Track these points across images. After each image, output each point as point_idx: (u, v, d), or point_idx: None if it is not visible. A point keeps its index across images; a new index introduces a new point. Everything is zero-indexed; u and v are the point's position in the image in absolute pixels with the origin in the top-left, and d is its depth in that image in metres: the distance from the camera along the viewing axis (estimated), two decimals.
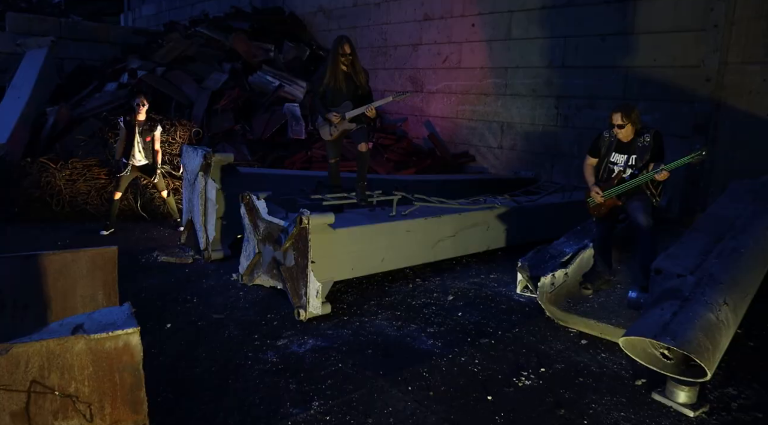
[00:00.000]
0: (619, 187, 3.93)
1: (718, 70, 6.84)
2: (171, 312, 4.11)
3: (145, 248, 5.68)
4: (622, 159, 3.96)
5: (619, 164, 3.98)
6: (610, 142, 4.03)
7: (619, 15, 7.63)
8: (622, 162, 3.96)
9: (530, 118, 9.00)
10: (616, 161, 4.00)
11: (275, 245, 4.26)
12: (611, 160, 4.01)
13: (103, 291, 3.46)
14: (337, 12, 12.46)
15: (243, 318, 4.04)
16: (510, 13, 9.05)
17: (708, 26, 6.81)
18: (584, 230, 4.88)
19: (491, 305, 4.47)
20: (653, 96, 7.41)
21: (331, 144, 5.05)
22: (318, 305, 3.99)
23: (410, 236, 4.75)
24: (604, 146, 4.05)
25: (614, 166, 4.00)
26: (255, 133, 9.01)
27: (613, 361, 3.57)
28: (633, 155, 3.91)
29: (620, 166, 3.97)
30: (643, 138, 3.87)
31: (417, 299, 4.54)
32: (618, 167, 3.98)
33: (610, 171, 4.03)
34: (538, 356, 3.62)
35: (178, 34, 11.15)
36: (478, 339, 3.84)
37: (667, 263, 3.25)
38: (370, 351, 3.61)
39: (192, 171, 5.36)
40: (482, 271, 5.32)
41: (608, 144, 4.03)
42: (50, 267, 3.30)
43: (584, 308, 3.98)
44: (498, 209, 5.48)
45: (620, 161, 3.97)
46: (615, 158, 4.00)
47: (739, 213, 4.00)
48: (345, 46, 4.71)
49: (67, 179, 6.33)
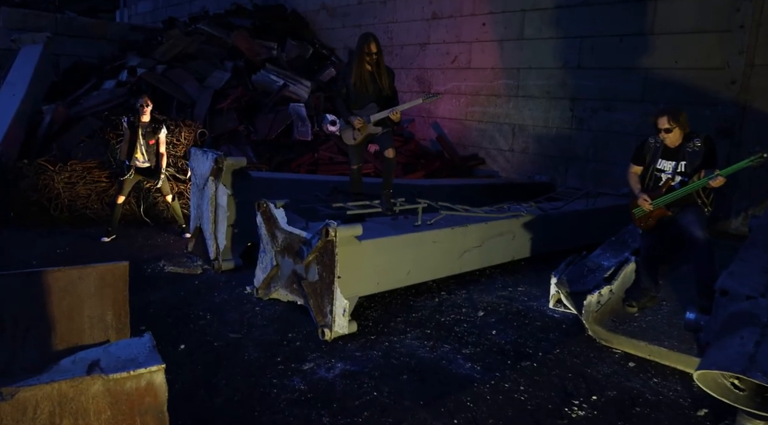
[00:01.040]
0: (668, 196, 3.66)
1: (743, 72, 6.60)
2: (183, 331, 3.80)
3: (150, 256, 5.36)
4: (670, 166, 3.69)
5: (666, 171, 3.71)
6: (655, 148, 3.76)
7: (638, 15, 7.38)
8: (670, 169, 3.68)
9: (543, 120, 8.74)
10: (663, 168, 3.73)
11: (296, 257, 3.96)
12: (658, 167, 3.74)
13: (112, 311, 3.14)
14: (341, 10, 12.15)
15: (262, 338, 3.73)
16: (523, 12, 8.78)
17: (733, 27, 6.58)
18: (620, 241, 4.61)
19: (525, 322, 4.18)
20: (674, 99, 7.16)
21: (353, 149, 4.74)
22: (344, 324, 3.69)
23: (436, 247, 4.46)
24: (649, 153, 3.78)
25: (662, 173, 3.73)
26: (259, 134, 8.69)
27: (667, 387, 3.30)
28: (682, 161, 3.64)
29: (668, 173, 3.69)
30: (692, 143, 3.60)
31: (446, 316, 4.25)
32: (666, 175, 3.71)
33: (657, 179, 3.76)
34: (587, 381, 3.34)
35: (178, 31, 10.80)
36: (519, 361, 3.56)
37: (733, 283, 2.98)
38: (405, 377, 3.31)
39: (201, 176, 5.04)
40: (509, 283, 5.04)
41: (654, 150, 3.76)
42: (55, 285, 2.98)
43: (631, 327, 3.71)
44: (524, 217, 5.20)
45: (668, 168, 3.70)
46: (662, 165, 3.73)
47: None
48: (371, 44, 4.40)
49: (66, 182, 5.99)
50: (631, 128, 7.61)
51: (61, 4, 17.61)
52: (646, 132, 7.42)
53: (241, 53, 10.36)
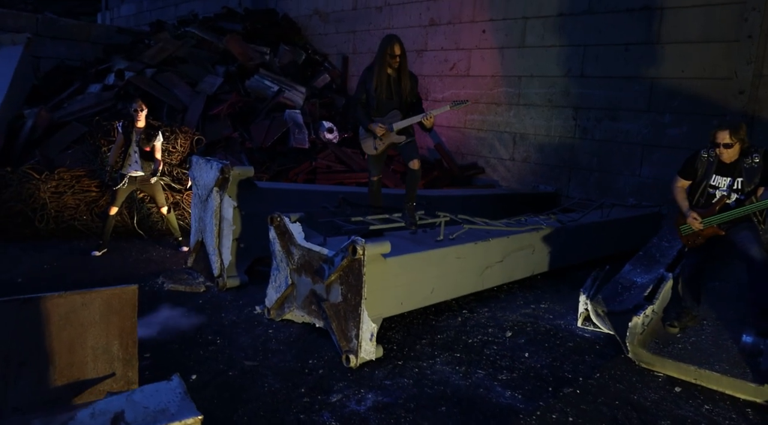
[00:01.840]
0: (723, 215, 3.44)
1: (752, 82, 6.51)
2: (192, 358, 3.46)
3: (146, 272, 4.99)
4: (725, 182, 3.48)
5: (721, 187, 3.49)
6: (708, 162, 3.55)
7: (644, 24, 7.27)
8: (725, 186, 3.47)
9: (545, 129, 8.58)
10: (717, 184, 3.51)
11: (315, 276, 3.66)
12: (712, 183, 3.53)
13: (118, 341, 2.81)
14: (335, 15, 11.91)
15: (281, 366, 3.42)
16: (524, 19, 8.64)
17: (741, 37, 6.49)
18: (647, 256, 4.41)
19: (556, 343, 3.94)
20: (681, 109, 7.06)
21: (374, 159, 4.46)
22: (371, 350, 3.40)
23: (460, 263, 4.20)
24: (701, 168, 3.57)
25: (716, 190, 3.52)
26: (255, 141, 8.36)
27: (722, 415, 3.08)
28: (738, 177, 3.43)
29: (723, 190, 3.48)
30: (751, 158, 3.40)
31: (472, 336, 3.99)
32: (720, 191, 3.49)
33: (710, 196, 3.54)
34: (636, 410, 3.11)
35: (167, 34, 10.43)
36: (560, 388, 3.31)
37: None
38: (443, 408, 3.03)
39: (204, 186, 4.71)
40: (530, 300, 4.80)
41: (707, 165, 3.55)
42: (54, 313, 2.64)
43: (675, 350, 3.49)
44: (544, 230, 4.98)
45: (723, 185, 3.49)
46: (716, 182, 3.52)
47: None
48: (395, 46, 4.13)
49: (53, 192, 5.58)
50: (637, 138, 7.48)
51: (37, 6, 17.05)
52: (653, 142, 7.36)
53: (234, 58, 10.04)
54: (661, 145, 7.25)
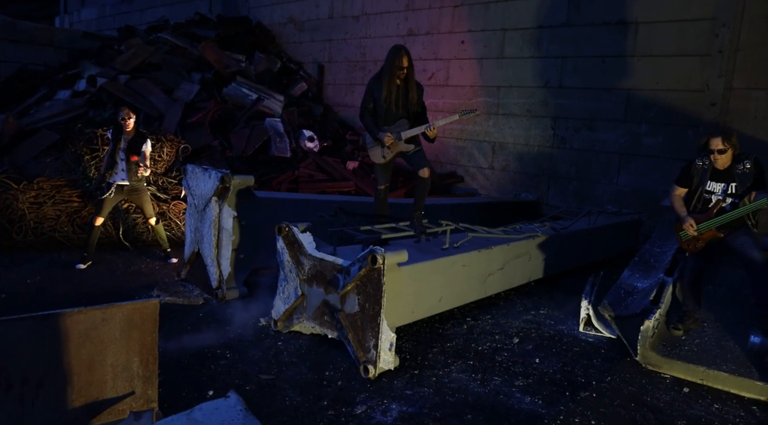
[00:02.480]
0: (719, 218, 3.59)
1: (723, 94, 6.83)
2: (205, 373, 3.35)
3: (137, 285, 4.82)
4: (720, 188, 3.63)
5: (716, 193, 3.65)
6: (703, 170, 3.70)
7: (620, 37, 7.53)
8: (720, 191, 3.63)
9: (524, 138, 8.76)
10: (713, 189, 3.66)
11: (328, 286, 3.61)
12: (707, 189, 3.68)
13: (139, 358, 2.69)
14: (310, 24, 11.88)
15: (298, 378, 3.35)
16: (503, 31, 8.82)
17: (713, 51, 6.81)
18: (643, 262, 4.54)
19: (563, 348, 4.01)
20: (656, 119, 7.33)
21: (381, 168, 4.45)
22: (390, 360, 3.37)
23: (465, 271, 4.23)
24: (697, 175, 3.71)
25: (711, 195, 3.67)
26: (235, 150, 8.22)
27: (732, 414, 3.19)
28: (732, 182, 3.58)
29: (718, 195, 3.63)
30: (743, 164, 3.56)
31: (481, 344, 4.01)
32: (716, 197, 3.64)
33: (706, 201, 3.69)
34: (652, 411, 3.18)
35: (139, 40, 10.16)
36: (576, 392, 3.36)
37: None
38: (469, 416, 3.03)
39: (202, 196, 4.59)
40: (528, 306, 4.87)
41: (702, 172, 3.70)
42: (73, 330, 2.51)
43: (683, 352, 3.60)
44: (539, 237, 5.07)
45: (718, 190, 3.64)
46: (711, 187, 3.66)
47: None
48: (403, 58, 4.15)
49: (32, 202, 5.33)
50: (614, 148, 7.73)
51: None
52: (629, 151, 7.61)
53: (209, 65, 9.87)
54: (638, 154, 7.50)
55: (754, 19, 6.42)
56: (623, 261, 6.06)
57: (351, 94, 11.27)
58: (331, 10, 11.52)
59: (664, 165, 7.20)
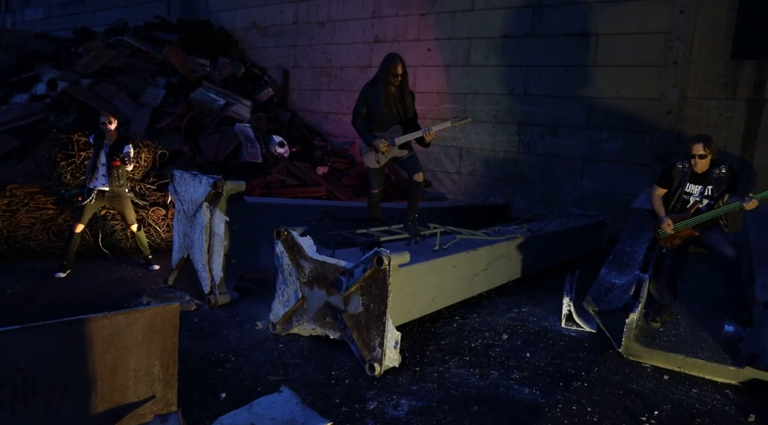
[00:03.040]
0: (697, 218, 3.90)
1: (678, 103, 7.31)
2: (213, 377, 3.37)
3: (123, 292, 4.74)
4: (697, 190, 3.95)
5: (694, 194, 3.96)
6: (683, 172, 4.00)
7: (582, 48, 7.92)
8: (698, 192, 3.94)
9: (491, 144, 9.06)
10: (691, 191, 3.98)
11: (330, 288, 3.69)
12: (686, 190, 3.99)
13: (160, 362, 2.71)
14: (274, 29, 11.86)
15: (306, 378, 3.42)
16: (469, 40, 9.10)
17: (668, 63, 7.28)
18: (617, 260, 4.83)
19: (549, 343, 4.23)
20: (616, 126, 7.75)
21: (375, 172, 4.57)
22: (395, 358, 3.50)
23: (455, 271, 4.40)
24: (677, 177, 4.02)
25: (690, 197, 3.98)
26: (206, 155, 8.14)
27: (709, 397, 3.48)
28: (709, 185, 3.90)
29: (696, 196, 3.95)
30: (719, 169, 3.89)
31: (473, 341, 4.18)
32: (694, 198, 3.96)
33: (684, 202, 4.00)
34: (639, 397, 3.43)
35: (99, 43, 9.90)
36: (570, 382, 3.58)
37: None
38: (475, 408, 3.19)
39: (192, 202, 4.57)
40: (510, 305, 5.09)
41: (682, 175, 4.01)
42: (98, 335, 2.51)
43: (662, 342, 3.88)
44: (518, 238, 5.30)
45: (695, 192, 3.95)
46: (690, 189, 3.98)
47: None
48: (398, 66, 4.30)
49: (4, 210, 5.14)
50: (577, 153, 8.11)
51: None
52: (591, 156, 8.01)
53: (174, 69, 9.72)
54: (600, 159, 7.91)
55: (704, 34, 6.91)
56: (591, 261, 6.43)
57: (317, 100, 11.33)
58: (295, 15, 11.55)
59: (624, 169, 7.62)
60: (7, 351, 2.24)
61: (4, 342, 2.24)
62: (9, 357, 2.24)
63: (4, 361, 2.23)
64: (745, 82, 6.69)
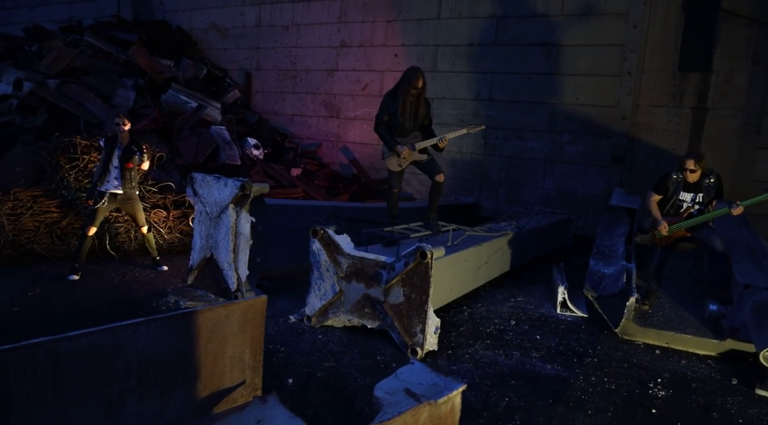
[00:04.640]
0: (689, 221, 4.60)
1: (632, 110, 8.11)
2: (274, 366, 3.61)
3: (147, 292, 4.81)
4: (690, 197, 4.63)
5: (687, 201, 4.64)
6: (677, 182, 4.64)
7: (543, 57, 8.59)
8: (690, 199, 4.63)
9: (457, 146, 9.57)
10: (684, 198, 4.65)
11: (369, 281, 4.01)
12: (680, 198, 4.64)
13: (250, 349, 2.94)
14: (236, 31, 11.86)
15: (357, 363, 3.72)
16: (436, 46, 9.58)
17: (623, 73, 8.06)
18: (601, 253, 5.43)
19: (552, 327, 4.74)
20: (576, 130, 8.47)
21: (396, 174, 4.92)
22: (434, 342, 3.87)
23: (465, 265, 4.82)
24: (672, 186, 4.65)
25: (683, 203, 4.65)
26: (185, 158, 8.15)
27: (697, 366, 4.09)
28: (700, 193, 4.59)
29: (689, 203, 4.63)
30: (708, 179, 4.55)
31: (487, 327, 4.62)
32: (687, 204, 4.63)
33: (678, 207, 4.67)
34: (641, 369, 3.99)
35: (59, 41, 9.58)
36: (581, 359, 4.09)
37: (751, 279, 3.88)
38: (513, 382, 3.61)
39: (216, 204, 4.72)
40: (506, 295, 5.57)
41: (676, 184, 4.64)
42: (203, 326, 2.72)
43: (653, 322, 4.48)
44: (509, 234, 5.81)
45: (688, 199, 4.64)
46: (683, 196, 4.65)
47: (739, 235, 4.89)
48: (419, 80, 4.70)
49: (8, 214, 5.04)
50: (540, 155, 8.78)
51: None
52: (553, 158, 8.71)
53: (140, 70, 9.58)
54: (561, 161, 8.61)
55: (655, 47, 7.73)
56: (560, 256, 7.05)
57: (282, 103, 11.46)
58: (258, 18, 11.61)
59: (584, 170, 8.35)
60: (136, 342, 2.42)
61: (133, 334, 2.41)
62: (138, 347, 2.42)
63: (134, 351, 2.41)
64: (690, 91, 7.55)
